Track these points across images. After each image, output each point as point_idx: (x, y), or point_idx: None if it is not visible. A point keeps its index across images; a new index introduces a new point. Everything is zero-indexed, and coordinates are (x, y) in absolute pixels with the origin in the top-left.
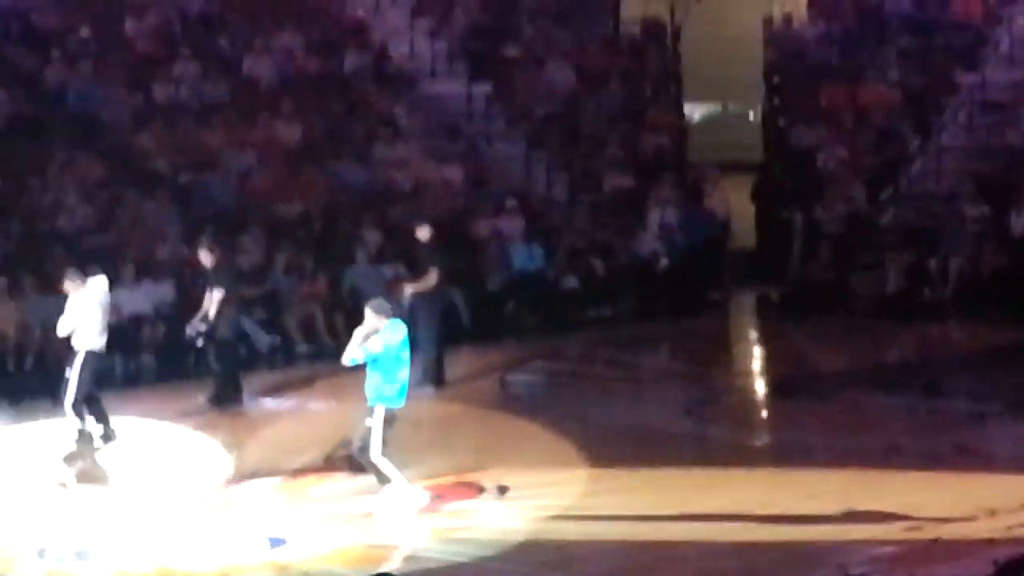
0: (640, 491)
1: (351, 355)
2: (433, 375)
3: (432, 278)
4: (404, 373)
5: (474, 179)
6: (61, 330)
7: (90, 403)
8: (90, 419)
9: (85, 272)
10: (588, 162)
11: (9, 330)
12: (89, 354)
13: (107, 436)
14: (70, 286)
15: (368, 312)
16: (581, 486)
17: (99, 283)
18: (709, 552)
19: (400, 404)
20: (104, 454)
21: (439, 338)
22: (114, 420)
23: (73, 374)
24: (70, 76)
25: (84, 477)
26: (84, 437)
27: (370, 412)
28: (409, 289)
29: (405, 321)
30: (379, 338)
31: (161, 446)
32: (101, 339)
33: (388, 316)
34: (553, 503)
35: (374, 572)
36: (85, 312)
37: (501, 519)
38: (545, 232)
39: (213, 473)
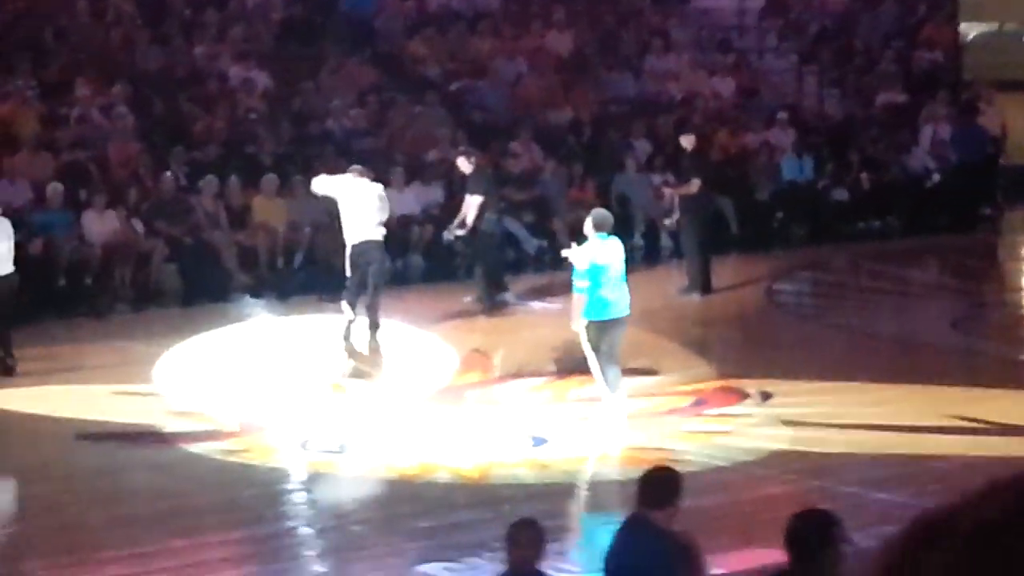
0: (903, 402)
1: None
2: (699, 281)
3: (694, 185)
4: (608, 292)
5: (745, 91)
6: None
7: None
8: (360, 311)
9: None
10: (861, 77)
11: (279, 228)
12: (356, 245)
13: (374, 325)
14: (352, 176)
15: (587, 221)
16: (844, 395)
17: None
18: (968, 466)
19: (605, 318)
20: (369, 348)
21: (704, 245)
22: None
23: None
24: None
25: (352, 371)
26: (348, 330)
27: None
28: (669, 191)
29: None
30: (586, 254)
31: (425, 345)
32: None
33: (605, 230)
34: (815, 411)
35: (635, 473)
36: (357, 206)
37: (763, 426)
38: (815, 145)
39: (475, 371)
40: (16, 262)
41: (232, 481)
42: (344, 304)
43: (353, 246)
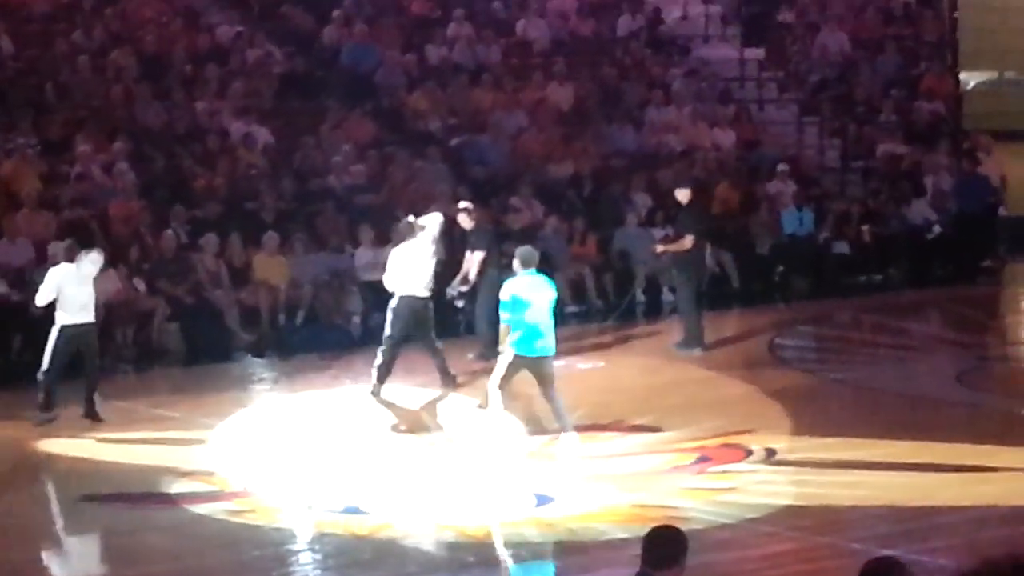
0: (909, 457)
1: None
2: (694, 337)
3: (688, 241)
4: (534, 328)
5: (746, 143)
6: (386, 280)
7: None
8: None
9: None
10: (861, 128)
11: (281, 285)
12: (405, 299)
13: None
14: (405, 231)
15: (515, 260)
16: (849, 451)
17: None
18: (978, 519)
19: (524, 353)
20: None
21: (696, 301)
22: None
23: (389, 315)
24: (345, 36)
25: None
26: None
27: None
28: (660, 248)
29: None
30: (508, 288)
31: (429, 403)
32: (422, 288)
33: (531, 267)
34: (820, 467)
35: (640, 531)
36: (411, 261)
37: (768, 482)
38: (816, 197)
39: (480, 431)
40: (18, 322)
41: (238, 542)
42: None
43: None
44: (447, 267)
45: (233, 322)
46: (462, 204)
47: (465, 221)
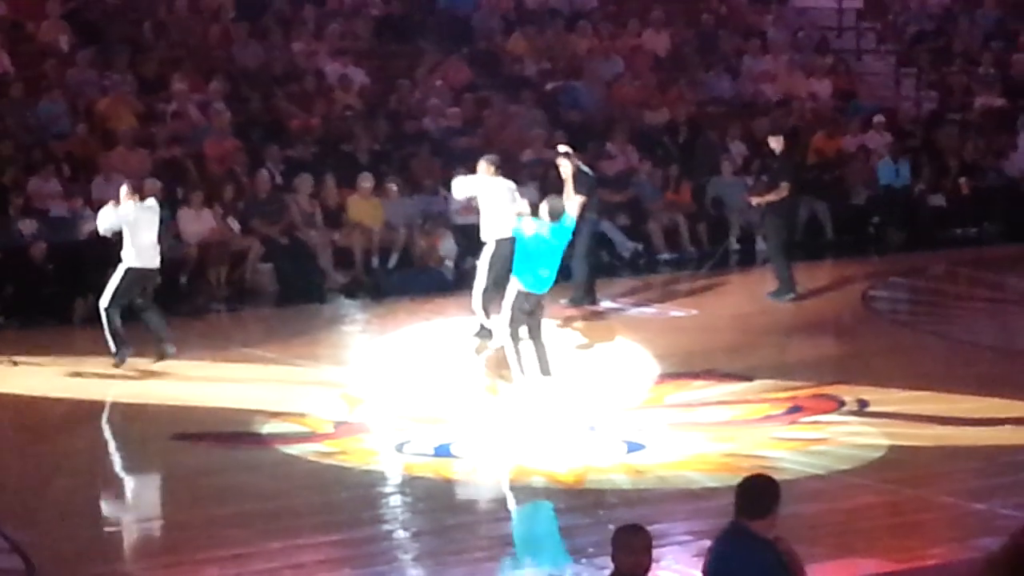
0: (1002, 412)
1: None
2: (786, 284)
3: (784, 189)
4: (547, 272)
5: (842, 93)
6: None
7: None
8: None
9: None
10: (959, 80)
11: (375, 228)
12: (500, 242)
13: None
14: (484, 174)
15: (542, 205)
16: (941, 404)
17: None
18: None
19: (534, 290)
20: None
21: (788, 249)
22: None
23: (483, 263)
24: None
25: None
26: (483, 332)
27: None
28: (755, 200)
29: None
30: (535, 225)
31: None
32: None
33: (556, 219)
34: (912, 420)
35: (730, 480)
36: (498, 201)
37: (859, 434)
38: (913, 149)
39: (572, 375)
40: (112, 259)
41: (328, 483)
42: (479, 305)
43: (499, 243)
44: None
45: (326, 263)
46: (562, 148)
47: (565, 165)
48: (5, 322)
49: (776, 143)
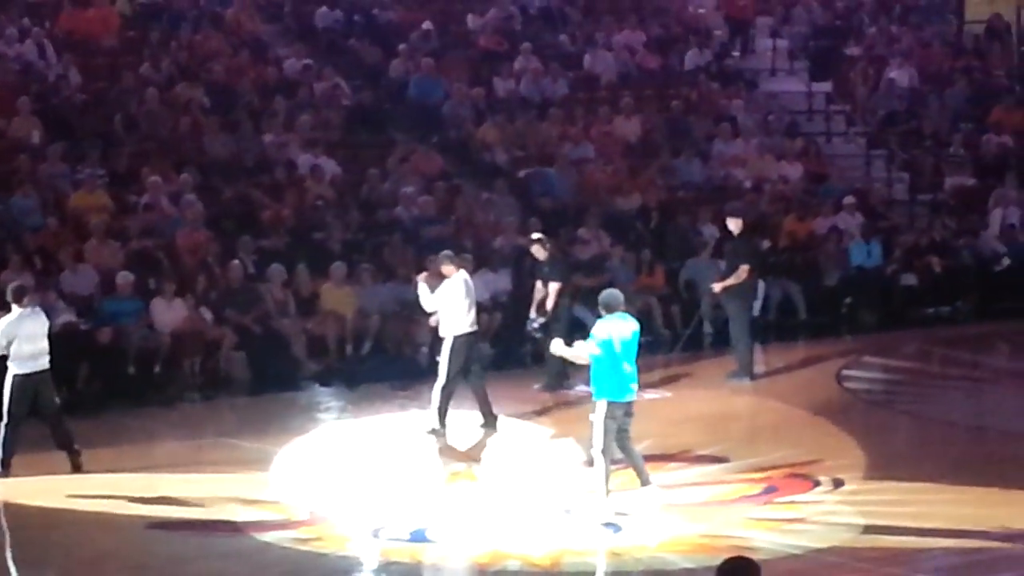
0: (978, 490)
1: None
2: (744, 366)
3: (742, 273)
4: (629, 367)
5: (813, 176)
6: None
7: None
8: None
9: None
10: (929, 161)
11: (348, 315)
12: (457, 339)
13: (488, 423)
14: (447, 270)
15: (600, 306)
16: (917, 483)
17: (463, 273)
18: None
19: (622, 398)
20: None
21: (750, 331)
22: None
23: (443, 360)
24: (412, 70)
25: (430, 460)
26: (439, 431)
27: (593, 407)
28: (718, 287)
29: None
30: (594, 342)
31: (498, 433)
32: (469, 324)
33: (613, 311)
34: (888, 499)
35: (707, 561)
36: (454, 298)
37: (835, 513)
38: (884, 230)
39: (545, 460)
40: (85, 350)
41: (304, 570)
42: (443, 397)
43: (455, 338)
44: (514, 298)
45: (300, 351)
46: (535, 235)
47: (539, 251)
48: None
49: (735, 225)
